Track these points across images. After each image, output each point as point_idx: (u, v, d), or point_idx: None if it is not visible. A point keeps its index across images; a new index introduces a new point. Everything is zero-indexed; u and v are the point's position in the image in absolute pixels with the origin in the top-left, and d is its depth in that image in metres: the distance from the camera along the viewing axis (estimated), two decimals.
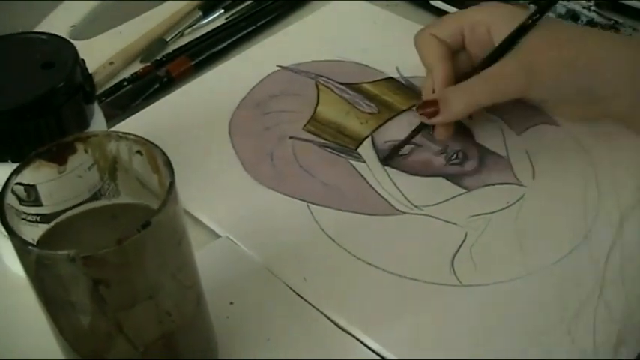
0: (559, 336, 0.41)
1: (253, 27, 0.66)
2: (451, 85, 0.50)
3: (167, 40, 0.65)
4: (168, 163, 0.34)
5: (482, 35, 0.51)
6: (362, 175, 0.51)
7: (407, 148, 0.53)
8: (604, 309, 0.42)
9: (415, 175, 0.51)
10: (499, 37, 0.50)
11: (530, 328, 0.42)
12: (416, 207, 0.49)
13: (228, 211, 0.49)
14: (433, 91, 0.51)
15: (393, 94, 0.57)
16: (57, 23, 0.67)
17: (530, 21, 0.49)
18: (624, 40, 0.54)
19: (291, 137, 0.54)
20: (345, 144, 0.54)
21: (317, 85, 0.59)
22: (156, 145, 0.35)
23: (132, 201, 0.38)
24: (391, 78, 0.59)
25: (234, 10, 0.68)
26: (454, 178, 0.51)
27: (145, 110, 0.58)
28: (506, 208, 0.49)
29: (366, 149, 0.53)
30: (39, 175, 0.36)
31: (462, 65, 0.53)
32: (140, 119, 0.57)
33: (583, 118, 0.53)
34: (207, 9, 0.68)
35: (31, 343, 0.42)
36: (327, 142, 0.54)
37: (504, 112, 0.55)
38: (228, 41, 0.64)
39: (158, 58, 0.63)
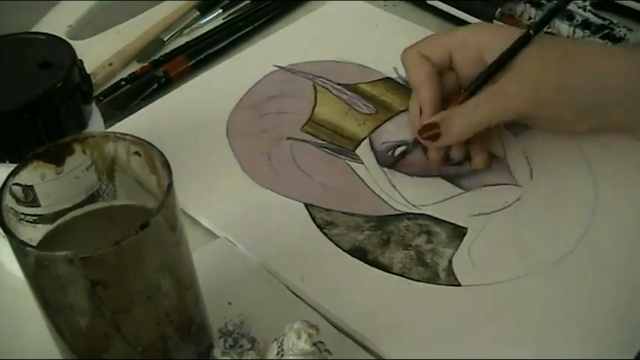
0: (558, 336, 0.41)
1: (251, 27, 0.66)
2: (437, 106, 0.49)
3: (165, 40, 0.65)
4: (166, 164, 0.34)
5: (471, 55, 0.50)
6: (359, 176, 0.51)
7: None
8: (602, 309, 0.43)
9: (413, 175, 0.51)
10: (491, 56, 0.49)
11: (529, 328, 0.42)
12: (414, 207, 0.49)
13: (226, 211, 0.49)
14: (420, 112, 0.50)
15: (390, 94, 0.57)
16: (54, 23, 0.67)
17: (527, 35, 0.48)
18: (620, 51, 0.53)
19: (288, 138, 0.54)
20: (342, 145, 0.54)
21: (315, 86, 0.59)
22: (154, 146, 0.35)
23: (130, 201, 0.38)
24: (389, 78, 0.59)
25: (232, 10, 0.68)
26: (452, 179, 0.51)
27: (142, 110, 0.58)
28: (504, 208, 0.49)
29: (363, 150, 0.53)
30: (37, 175, 0.36)
31: (449, 85, 0.51)
32: (138, 119, 0.57)
33: (580, 132, 0.51)
34: (205, 9, 0.68)
35: (29, 344, 0.42)
36: (324, 142, 0.54)
37: None
38: (226, 41, 0.64)
39: (156, 58, 0.63)
